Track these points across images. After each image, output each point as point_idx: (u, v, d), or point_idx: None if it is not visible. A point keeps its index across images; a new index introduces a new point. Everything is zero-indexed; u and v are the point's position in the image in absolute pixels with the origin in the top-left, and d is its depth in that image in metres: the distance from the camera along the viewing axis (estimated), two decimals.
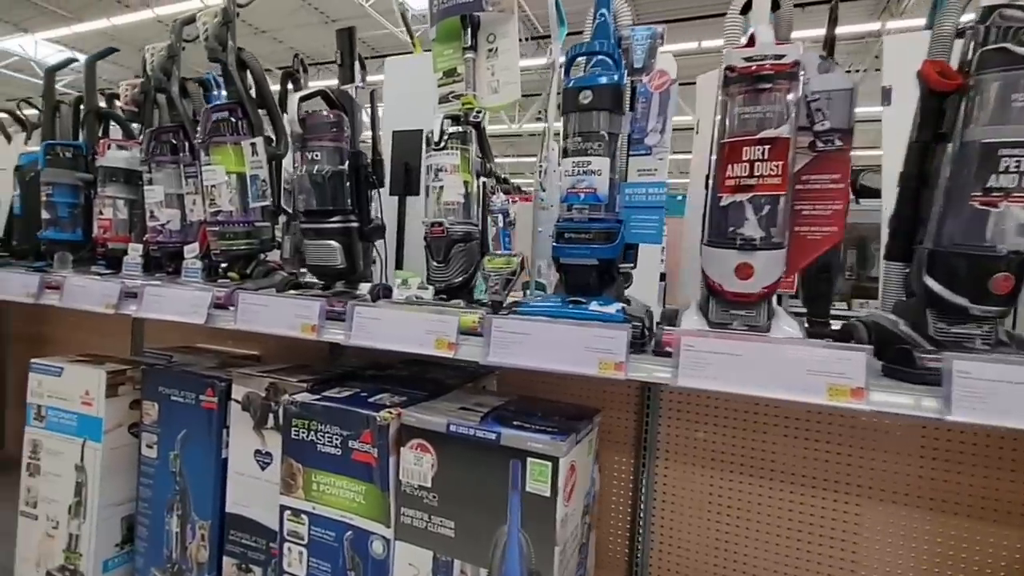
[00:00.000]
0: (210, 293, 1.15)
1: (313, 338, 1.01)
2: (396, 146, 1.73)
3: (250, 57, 1.39)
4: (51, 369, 1.42)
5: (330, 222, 1.20)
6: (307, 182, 1.18)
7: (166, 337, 2.03)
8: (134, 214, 1.69)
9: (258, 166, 1.34)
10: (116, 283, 1.29)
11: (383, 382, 1.17)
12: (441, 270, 1.12)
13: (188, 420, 1.27)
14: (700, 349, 0.72)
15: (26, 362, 2.41)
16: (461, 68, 1.31)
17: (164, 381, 1.31)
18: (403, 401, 1.02)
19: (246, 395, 1.19)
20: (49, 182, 1.73)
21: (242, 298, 1.10)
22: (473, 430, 0.86)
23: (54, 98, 1.96)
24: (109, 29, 8.97)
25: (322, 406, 0.99)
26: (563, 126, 1.01)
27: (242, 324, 1.09)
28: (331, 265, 1.21)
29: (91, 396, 1.36)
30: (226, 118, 1.33)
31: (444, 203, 1.11)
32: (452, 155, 1.11)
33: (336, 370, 1.29)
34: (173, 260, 1.53)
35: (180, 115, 1.52)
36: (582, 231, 0.97)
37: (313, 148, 1.17)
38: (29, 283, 1.41)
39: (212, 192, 1.32)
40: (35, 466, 1.43)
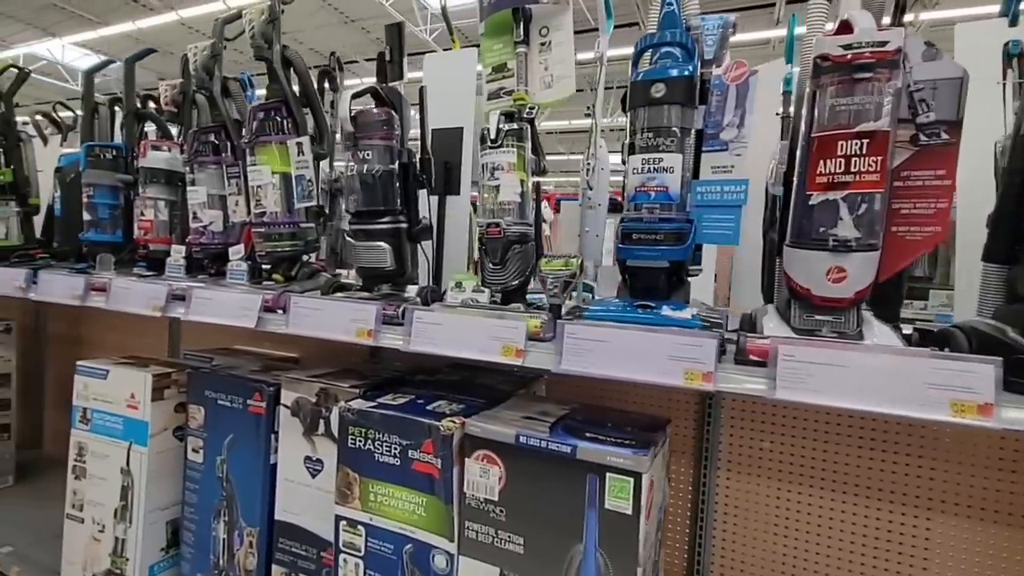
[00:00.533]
0: (260, 296, 1.13)
1: (369, 343, 0.98)
2: (436, 144, 1.70)
3: (294, 55, 1.37)
4: (96, 372, 1.41)
5: (380, 223, 1.16)
6: (357, 182, 1.15)
7: (203, 338, 2.03)
8: (174, 215, 1.68)
9: (304, 166, 1.31)
10: (163, 285, 1.27)
11: (436, 388, 1.13)
12: (497, 272, 1.07)
13: (235, 425, 1.25)
14: (801, 359, 0.67)
15: (64, 362, 2.44)
16: (511, 63, 1.26)
17: (211, 385, 1.29)
18: (462, 409, 0.98)
19: (296, 400, 1.16)
20: (90, 183, 1.73)
21: (294, 301, 1.07)
22: (545, 442, 0.82)
23: (93, 100, 1.96)
24: (134, 32, 9.12)
25: (380, 414, 0.96)
26: (629, 121, 0.96)
27: (294, 328, 1.06)
28: (380, 267, 1.18)
29: (137, 399, 1.35)
30: (271, 117, 1.31)
31: (500, 203, 1.07)
32: (509, 153, 1.07)
33: (384, 375, 1.26)
34: (215, 262, 1.51)
35: (222, 115, 1.50)
36: (652, 231, 0.92)
37: (364, 147, 1.13)
38: (75, 285, 1.40)
39: (258, 193, 1.30)
40: (81, 469, 1.42)
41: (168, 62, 1.88)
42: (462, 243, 1.73)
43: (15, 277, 1.54)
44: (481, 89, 1.43)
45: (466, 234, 1.72)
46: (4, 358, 2.01)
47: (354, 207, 1.15)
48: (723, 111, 0.94)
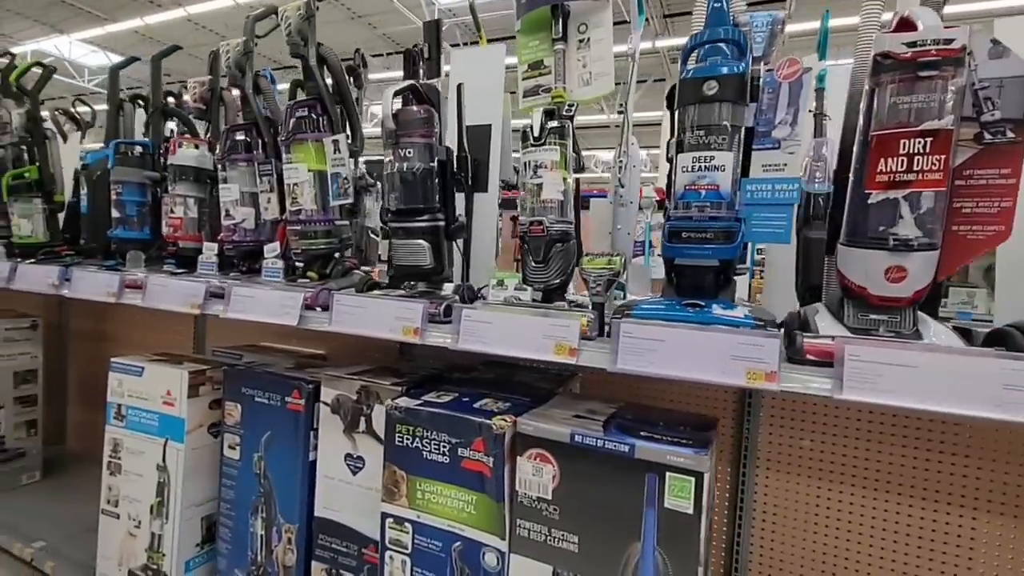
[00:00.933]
0: (301, 294, 1.13)
1: (415, 342, 0.98)
2: (467, 140, 1.69)
3: (329, 52, 1.37)
4: (131, 369, 1.42)
5: (419, 221, 1.16)
6: (398, 179, 1.15)
7: (227, 335, 2.04)
8: (203, 213, 1.68)
9: (340, 163, 1.31)
10: (201, 283, 1.27)
11: (476, 386, 1.13)
12: (540, 270, 1.07)
13: (273, 422, 1.26)
14: (868, 359, 0.66)
15: (86, 358, 2.45)
16: (548, 60, 1.26)
17: (248, 382, 1.30)
18: (508, 407, 0.98)
19: (336, 398, 1.17)
20: (119, 181, 1.73)
21: (337, 299, 1.07)
22: (601, 441, 0.82)
23: (118, 97, 1.96)
24: (141, 29, 9.12)
25: (428, 412, 0.96)
26: (678, 119, 0.96)
27: (337, 326, 1.06)
28: (419, 265, 1.18)
29: (173, 396, 1.35)
30: (307, 115, 1.31)
31: (543, 201, 1.07)
32: (552, 151, 1.07)
33: (421, 373, 1.26)
34: (246, 259, 1.51)
35: (253, 112, 1.50)
36: (701, 230, 0.92)
37: (405, 145, 1.13)
38: (110, 282, 1.40)
39: (294, 190, 1.30)
40: (116, 465, 1.43)
41: (174, 58, 1.90)
42: (490, 240, 1.72)
43: (48, 274, 1.54)
44: (512, 85, 1.43)
45: (494, 231, 1.72)
46: (31, 355, 2.02)
47: (395, 205, 1.14)
48: (775, 109, 0.94)
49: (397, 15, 7.86)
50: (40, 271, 1.60)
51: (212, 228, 1.66)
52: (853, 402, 0.68)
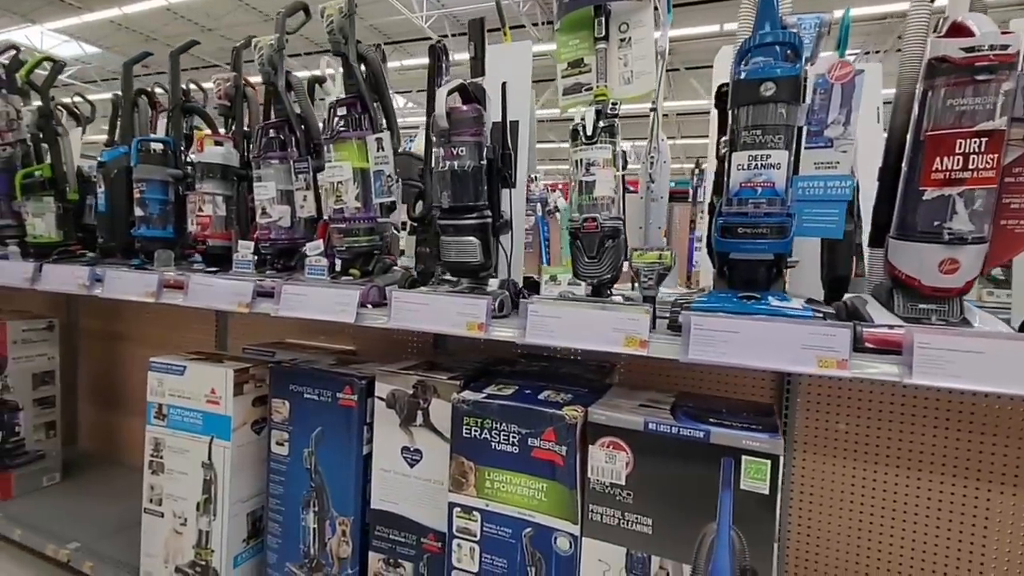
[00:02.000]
0: (357, 291, 1.15)
1: (480, 336, 1.01)
2: (496, 138, 1.71)
3: (367, 50, 1.37)
4: (173, 368, 1.42)
5: (469, 218, 1.19)
6: (449, 177, 1.17)
7: (249, 332, 2.04)
8: (230, 210, 1.67)
9: (384, 161, 1.32)
10: (248, 282, 1.28)
11: (528, 378, 1.17)
12: (593, 265, 1.11)
13: (323, 418, 1.28)
14: (938, 347, 0.71)
15: (97, 358, 2.43)
16: (588, 58, 1.29)
17: (296, 380, 1.31)
18: (572, 399, 1.02)
19: (391, 393, 1.19)
20: (142, 179, 1.72)
21: (395, 296, 1.10)
22: (676, 428, 0.86)
23: (132, 92, 1.93)
24: (118, 18, 8.85)
25: (498, 404, 0.99)
26: (732, 118, 0.99)
27: (396, 323, 1.08)
28: (469, 261, 1.20)
29: (217, 395, 1.36)
30: (349, 113, 1.31)
31: (596, 198, 1.10)
32: (604, 149, 1.10)
33: (468, 366, 1.29)
34: (282, 257, 1.52)
35: (286, 110, 1.50)
36: (756, 225, 0.96)
37: (457, 143, 1.15)
38: (148, 282, 1.40)
39: (338, 189, 1.31)
40: (158, 464, 1.44)
41: (151, 48, 1.86)
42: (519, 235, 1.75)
43: (76, 275, 1.53)
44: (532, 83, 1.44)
45: (523, 227, 1.74)
46: (48, 356, 1.99)
47: (447, 202, 1.16)
48: (827, 109, 0.98)
49: (383, 5, 7.76)
50: (67, 271, 1.59)
51: (245, 226, 1.66)
52: (924, 386, 0.73)
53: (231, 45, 1.77)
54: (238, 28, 8.63)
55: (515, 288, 1.28)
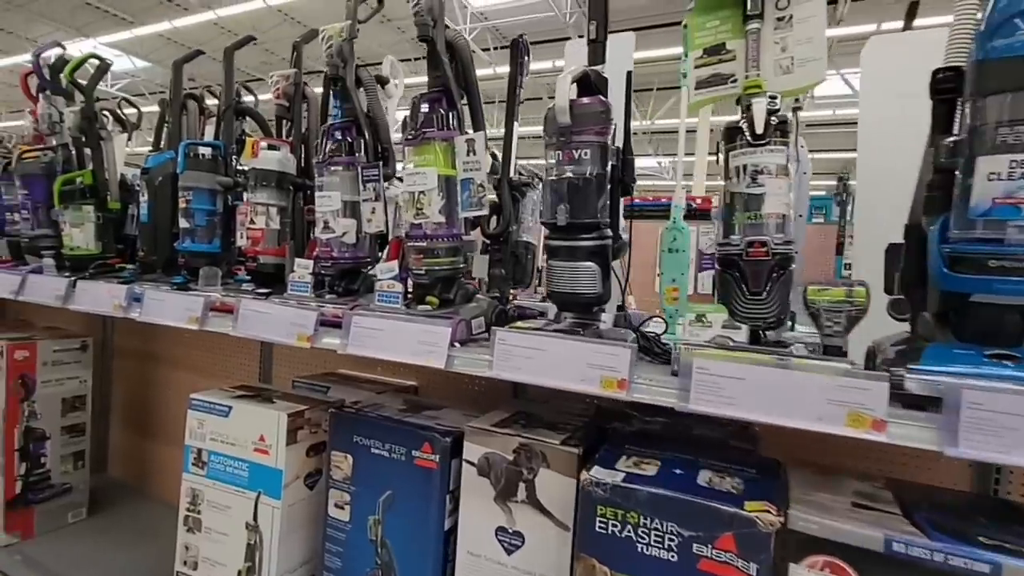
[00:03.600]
0: (447, 328, 0.92)
1: (621, 396, 0.76)
2: None
3: (456, 37, 1.16)
4: (216, 408, 1.21)
5: (587, 239, 0.95)
6: (566, 188, 0.93)
7: (294, 358, 1.83)
8: (284, 224, 1.47)
9: (474, 167, 1.10)
10: (310, 311, 1.06)
11: (665, 446, 0.91)
12: (758, 304, 0.85)
13: (395, 479, 1.04)
14: None
15: (132, 379, 2.25)
16: (732, 43, 1.04)
17: (362, 430, 1.08)
18: (744, 487, 0.76)
19: (485, 457, 0.95)
20: (189, 187, 1.54)
21: (501, 338, 0.86)
22: (943, 555, 0.59)
23: (182, 94, 1.77)
24: (167, 32, 9.06)
25: (648, 494, 0.73)
26: (973, 112, 0.74)
27: (504, 372, 0.84)
28: (585, 292, 0.96)
29: (267, 442, 1.14)
30: (435, 110, 1.10)
31: (766, 215, 0.85)
32: (777, 153, 0.85)
33: (574, 422, 1.03)
34: (343, 279, 1.30)
35: (354, 109, 1.29)
36: (1020, 257, 0.69)
37: (578, 144, 0.92)
38: (192, 307, 1.20)
39: (419, 200, 1.08)
40: (195, 520, 1.22)
41: (199, 61, 1.75)
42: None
43: (113, 294, 1.34)
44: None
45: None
46: (80, 379, 1.82)
47: (563, 218, 0.92)
48: None
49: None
50: (102, 289, 1.40)
51: (297, 242, 1.45)
52: None
53: (274, 59, 1.60)
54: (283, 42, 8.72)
55: (631, 325, 1.04)
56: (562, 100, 0.89)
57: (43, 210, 1.88)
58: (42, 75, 1.90)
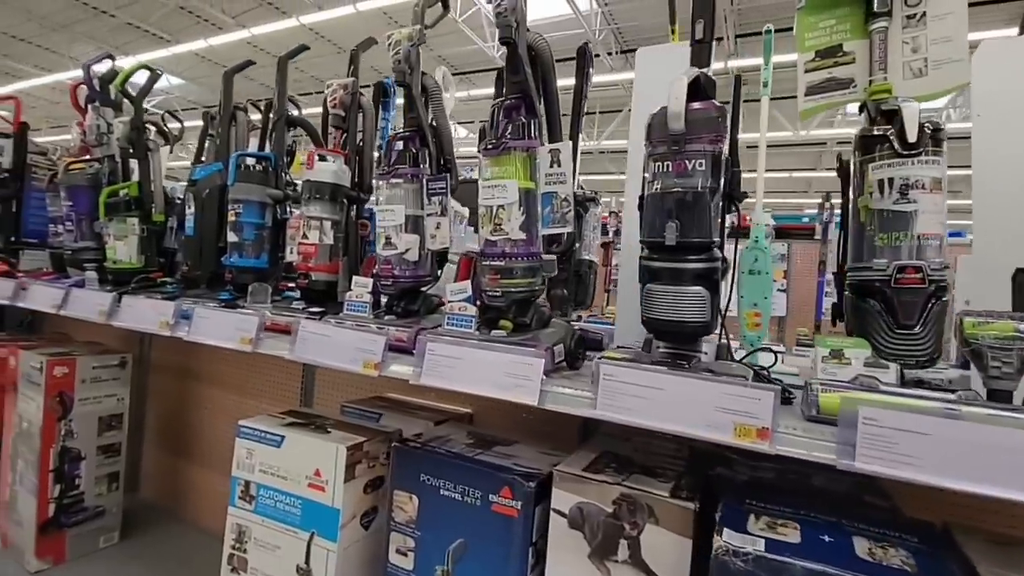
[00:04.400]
0: (540, 360, 0.81)
1: (762, 448, 0.64)
2: None
3: (538, 39, 1.07)
4: (267, 437, 1.11)
5: (696, 260, 0.84)
6: (674, 202, 0.82)
7: (339, 377, 1.73)
8: (337, 239, 1.39)
9: (559, 180, 1.00)
10: (377, 335, 0.96)
11: (787, 500, 0.78)
12: (911, 338, 0.73)
13: (468, 526, 0.93)
14: None
15: (166, 395, 2.19)
16: (850, 44, 0.94)
17: (430, 468, 0.98)
18: (910, 559, 0.63)
19: (578, 507, 0.83)
20: (239, 199, 1.47)
21: (608, 372, 0.75)
22: None
23: (231, 105, 1.72)
24: (203, 51, 9.28)
25: (805, 570, 0.61)
26: None
27: (609, 412, 0.73)
28: (691, 321, 0.84)
29: (324, 477, 1.04)
30: (515, 118, 1.01)
31: (919, 236, 0.73)
32: (932, 165, 0.74)
33: (682, 470, 0.91)
34: (402, 298, 1.21)
35: (418, 118, 1.21)
36: None
37: (692, 154, 0.81)
38: (245, 326, 1.11)
39: (499, 215, 0.99)
40: (240, 560, 1.12)
41: None
42: None
43: (161, 311, 1.27)
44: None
45: None
46: (117, 396, 1.75)
47: (672, 237, 0.82)
48: None
49: (457, 36, 7.76)
50: (148, 305, 1.33)
51: (351, 258, 1.37)
52: None
53: (305, 77, 1.55)
54: (314, 60, 8.88)
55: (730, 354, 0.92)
56: (677, 104, 0.79)
57: (87, 222, 1.84)
58: (92, 86, 1.88)
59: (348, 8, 6.91)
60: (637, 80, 1.45)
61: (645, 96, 1.45)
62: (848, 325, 0.83)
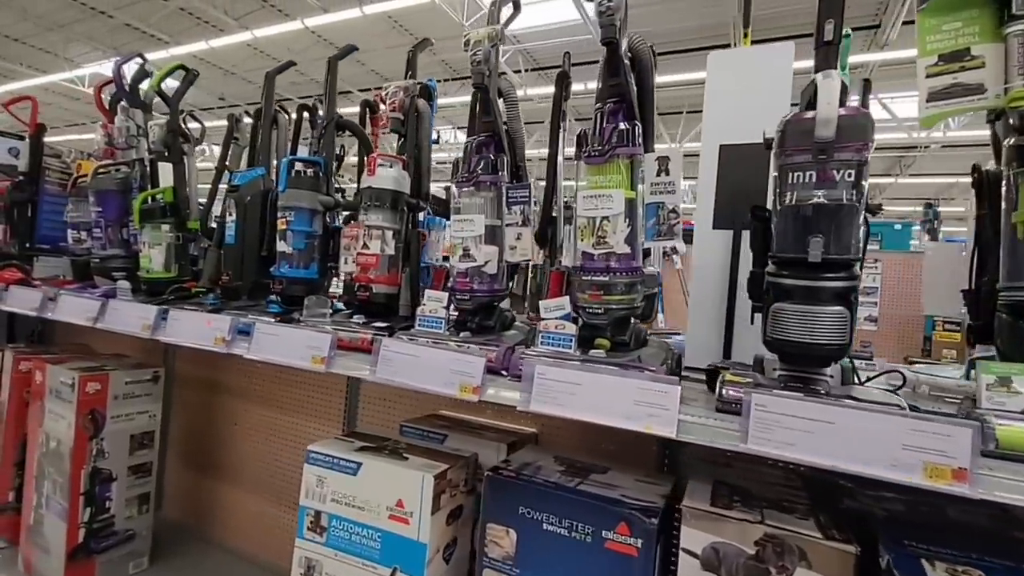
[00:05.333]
0: (675, 387, 0.74)
1: (961, 491, 0.57)
2: (723, 165, 1.32)
3: (639, 42, 1.01)
4: (341, 464, 1.03)
5: (836, 278, 0.77)
6: (817, 215, 0.76)
7: (378, 394, 1.65)
8: (398, 249, 1.32)
9: (667, 190, 0.94)
10: (474, 357, 0.89)
11: (947, 541, 0.72)
12: None
13: (576, 563, 0.86)
14: None
15: (192, 409, 2.09)
16: (980, 47, 0.89)
17: (530, 500, 0.90)
18: None
19: (713, 548, 0.76)
20: (290, 207, 1.39)
21: (760, 403, 0.68)
22: None
23: (272, 107, 1.65)
24: (202, 53, 9.15)
25: None
26: None
27: (765, 446, 0.66)
28: (827, 343, 0.78)
29: (407, 509, 0.96)
30: (616, 121, 0.94)
31: None
32: None
33: (809, 503, 0.85)
34: (478, 314, 1.14)
35: (494, 122, 1.15)
36: None
37: (840, 164, 0.75)
38: (317, 344, 1.03)
39: (603, 227, 0.92)
40: None
41: (230, 81, 1.67)
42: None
43: (217, 327, 1.18)
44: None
45: None
46: (149, 413, 1.66)
47: (816, 253, 0.75)
48: None
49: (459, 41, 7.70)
50: (200, 320, 1.25)
51: (412, 269, 1.30)
52: None
53: (303, 80, 1.50)
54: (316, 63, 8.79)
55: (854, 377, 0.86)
56: (830, 109, 0.73)
57: (115, 228, 1.76)
58: (122, 86, 1.79)
59: (354, 11, 6.83)
60: (709, 83, 1.40)
61: (717, 99, 1.40)
62: (1001, 347, 0.77)
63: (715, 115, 1.40)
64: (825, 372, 0.86)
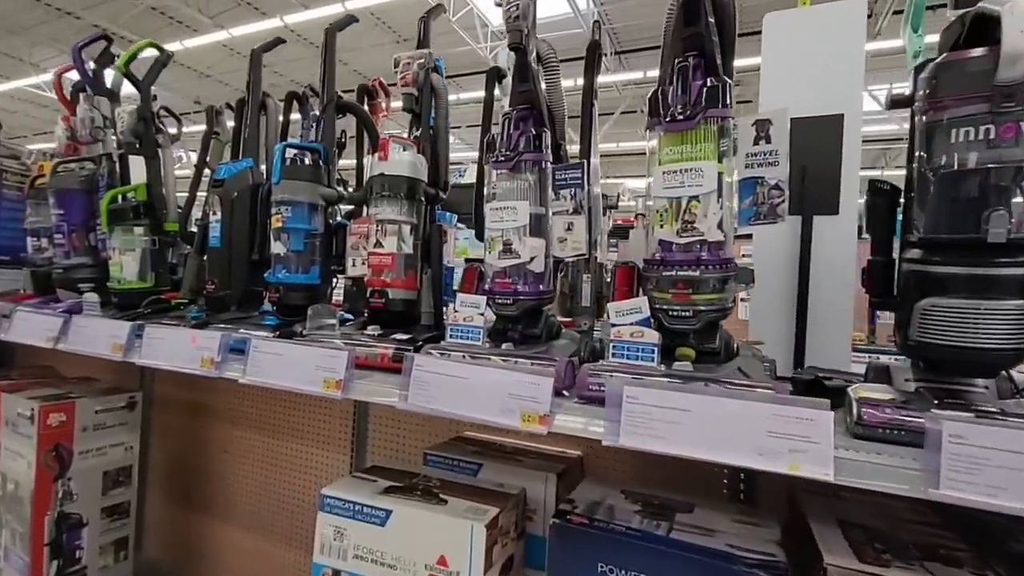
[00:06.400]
0: (827, 413, 0.56)
1: None
2: (794, 142, 1.16)
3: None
4: (365, 511, 0.83)
5: (1018, 264, 0.60)
6: (995, 182, 0.59)
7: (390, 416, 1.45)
8: (416, 246, 1.13)
9: (767, 162, 0.76)
10: (541, 377, 0.70)
11: None
12: None
13: None
14: None
15: (171, 435, 1.87)
16: None
17: (611, 554, 0.72)
18: None
19: None
20: (286, 201, 1.19)
21: (955, 432, 0.50)
22: None
23: (260, 90, 1.44)
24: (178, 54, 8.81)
25: None
26: None
27: (964, 492, 0.49)
28: (1004, 348, 0.61)
29: (452, 568, 0.77)
30: (703, 81, 0.76)
31: None
32: None
33: (939, 538, 0.68)
34: (520, 320, 0.95)
35: (533, 93, 0.96)
36: None
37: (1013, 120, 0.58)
38: (331, 365, 0.83)
39: (690, 209, 0.74)
40: None
41: (205, 84, 1.49)
42: (843, 288, 1.17)
43: (204, 345, 0.98)
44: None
45: (850, 274, 1.16)
46: (125, 445, 1.44)
47: (1002, 232, 0.58)
48: None
49: (449, 37, 7.50)
50: (183, 338, 1.03)
51: (435, 268, 1.11)
52: None
53: (282, 80, 1.31)
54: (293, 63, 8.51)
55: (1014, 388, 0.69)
56: (1019, 41, 0.56)
57: (80, 234, 1.53)
58: (84, 71, 1.58)
59: (336, 7, 6.59)
60: (765, 49, 1.23)
61: (774, 64, 1.24)
62: None
63: (773, 85, 1.23)
64: (979, 383, 0.69)
